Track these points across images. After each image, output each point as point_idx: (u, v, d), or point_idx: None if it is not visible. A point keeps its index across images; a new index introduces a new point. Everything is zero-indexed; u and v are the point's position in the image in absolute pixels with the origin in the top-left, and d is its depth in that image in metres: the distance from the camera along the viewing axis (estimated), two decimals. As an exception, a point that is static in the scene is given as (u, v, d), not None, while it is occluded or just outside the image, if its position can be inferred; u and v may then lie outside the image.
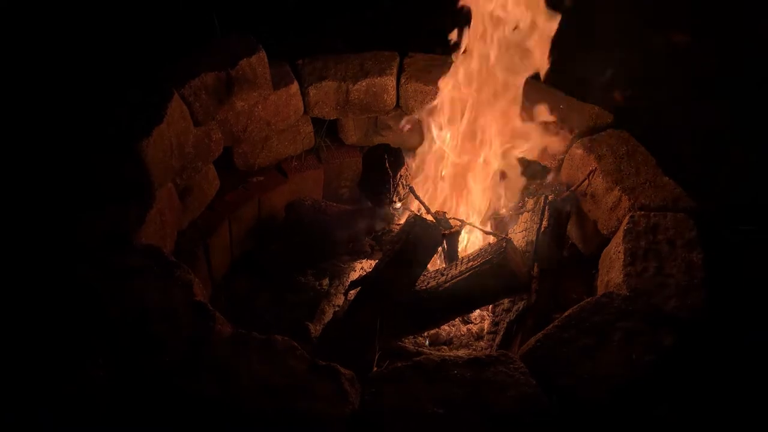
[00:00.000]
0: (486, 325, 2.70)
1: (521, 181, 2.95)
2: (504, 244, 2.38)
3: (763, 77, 3.06)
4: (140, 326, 1.83)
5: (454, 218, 2.77)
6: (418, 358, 1.91)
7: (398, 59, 3.35)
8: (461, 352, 2.56)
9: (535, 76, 2.76)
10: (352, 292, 2.51)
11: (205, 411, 1.65)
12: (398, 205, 3.13)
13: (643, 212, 2.44)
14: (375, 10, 3.55)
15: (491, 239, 2.75)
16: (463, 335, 2.67)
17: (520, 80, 2.70)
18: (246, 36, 2.95)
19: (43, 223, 2.14)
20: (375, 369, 2.21)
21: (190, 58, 2.76)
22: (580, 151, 2.84)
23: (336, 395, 1.71)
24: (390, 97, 3.31)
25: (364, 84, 3.22)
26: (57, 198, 2.22)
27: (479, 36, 2.69)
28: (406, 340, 2.59)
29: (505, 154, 2.86)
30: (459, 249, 2.83)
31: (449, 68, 2.88)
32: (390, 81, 3.26)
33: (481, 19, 2.64)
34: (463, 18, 2.70)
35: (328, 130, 3.47)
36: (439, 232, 2.49)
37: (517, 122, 2.79)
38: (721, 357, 1.95)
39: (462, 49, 2.77)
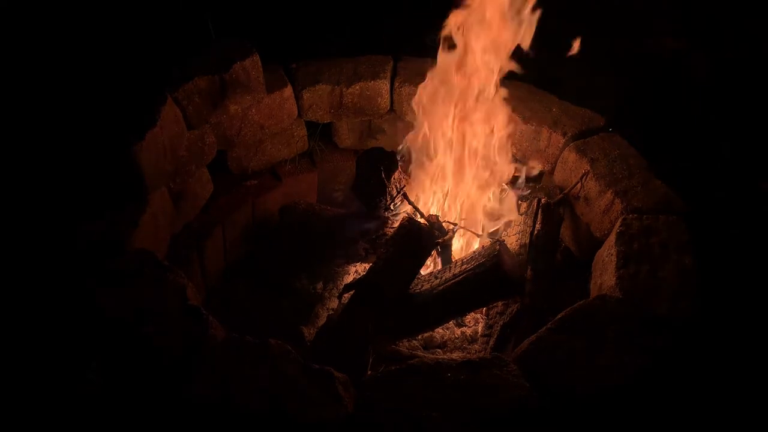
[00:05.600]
0: (480, 328, 2.70)
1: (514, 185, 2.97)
2: (497, 247, 2.38)
3: (756, 81, 3.09)
4: (134, 331, 1.83)
5: (447, 222, 2.78)
6: (412, 362, 1.91)
7: (392, 63, 3.35)
8: (455, 355, 2.56)
9: (529, 80, 2.78)
10: (346, 295, 2.51)
11: (198, 415, 1.65)
12: (392, 208, 3.13)
13: (635, 215, 2.45)
14: (369, 14, 3.55)
15: (485, 242, 2.76)
16: (457, 338, 2.68)
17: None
18: (240, 40, 2.95)
19: (38, 227, 2.13)
20: (369, 372, 2.21)
21: (185, 62, 2.76)
22: (572, 155, 2.85)
23: (330, 399, 1.71)
24: (384, 101, 3.32)
25: (357, 87, 3.22)
26: (51, 202, 2.22)
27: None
28: (400, 344, 2.59)
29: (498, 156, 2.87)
30: (452, 252, 2.83)
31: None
32: (384, 84, 3.27)
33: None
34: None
35: (322, 133, 3.47)
36: (432, 236, 2.49)
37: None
38: (714, 359, 1.96)
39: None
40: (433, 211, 2.97)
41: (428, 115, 2.91)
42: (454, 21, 2.65)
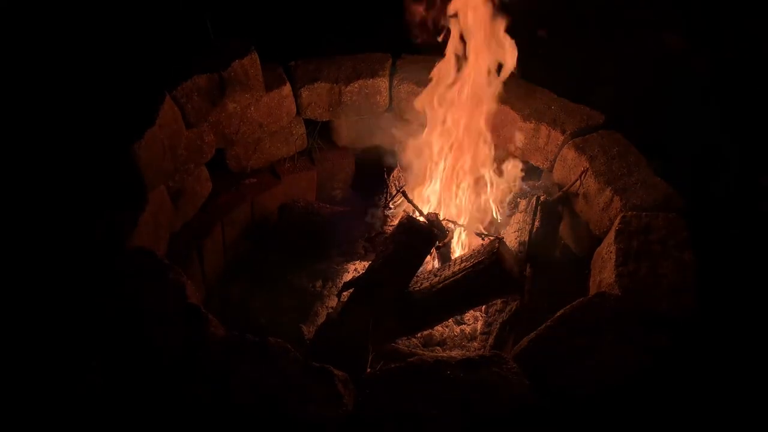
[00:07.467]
0: (479, 325, 2.70)
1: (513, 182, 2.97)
2: (497, 244, 2.38)
3: (756, 79, 3.09)
4: (134, 329, 1.83)
5: (446, 219, 2.78)
6: (411, 360, 1.91)
7: (390, 61, 3.35)
8: (454, 353, 2.56)
9: (527, 78, 2.78)
10: (345, 293, 2.51)
11: (198, 414, 1.65)
12: (391, 206, 3.13)
13: (634, 212, 2.45)
14: (369, 14, 3.55)
15: (484, 240, 2.76)
16: (457, 336, 2.68)
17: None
18: (240, 39, 2.95)
19: (37, 227, 2.13)
20: (369, 371, 2.21)
21: (184, 61, 2.76)
22: (572, 152, 2.85)
23: (330, 397, 1.71)
24: (383, 99, 3.32)
25: (356, 85, 3.22)
26: (50, 202, 2.21)
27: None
28: (400, 342, 2.59)
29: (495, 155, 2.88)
30: (451, 249, 2.84)
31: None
32: (383, 82, 3.26)
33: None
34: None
35: (320, 131, 3.47)
36: (431, 234, 2.49)
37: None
38: (714, 356, 1.97)
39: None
40: (433, 209, 2.97)
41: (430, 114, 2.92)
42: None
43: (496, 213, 2.98)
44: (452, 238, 2.83)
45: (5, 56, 2.62)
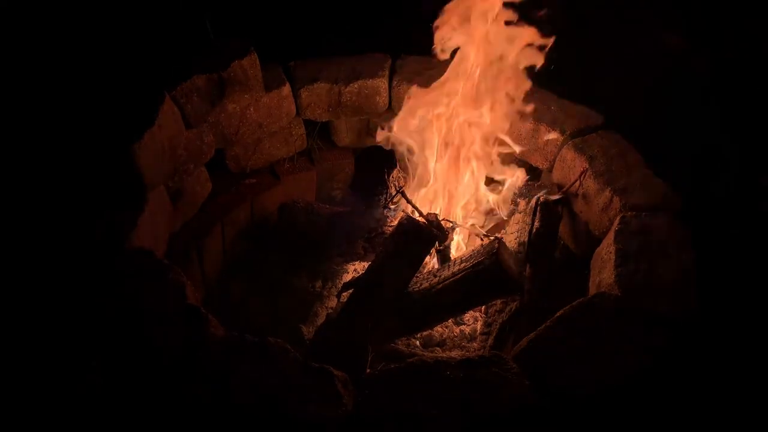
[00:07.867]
0: (479, 326, 2.70)
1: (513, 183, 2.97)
2: (496, 245, 2.38)
3: (756, 79, 3.09)
4: (134, 329, 1.83)
5: (446, 219, 2.78)
6: (411, 360, 1.91)
7: (390, 61, 3.35)
8: (454, 354, 2.56)
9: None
10: (344, 294, 2.51)
11: (198, 414, 1.65)
12: (390, 207, 3.13)
13: (634, 213, 2.45)
14: (369, 14, 3.55)
15: (484, 240, 2.76)
16: (456, 336, 2.68)
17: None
18: (239, 39, 2.95)
19: (37, 227, 2.13)
20: (368, 371, 2.21)
21: (183, 61, 2.76)
22: (571, 153, 2.85)
23: (330, 397, 1.71)
24: (382, 99, 3.32)
25: (356, 86, 3.22)
26: (50, 202, 2.21)
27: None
28: (399, 342, 2.59)
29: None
30: (451, 250, 2.83)
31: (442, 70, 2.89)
32: (382, 83, 3.26)
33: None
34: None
35: (320, 132, 3.47)
36: (430, 235, 2.49)
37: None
38: (714, 357, 1.97)
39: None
40: (432, 209, 2.97)
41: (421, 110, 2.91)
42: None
43: (495, 213, 2.98)
44: (452, 239, 2.83)
45: (5, 56, 2.62)
